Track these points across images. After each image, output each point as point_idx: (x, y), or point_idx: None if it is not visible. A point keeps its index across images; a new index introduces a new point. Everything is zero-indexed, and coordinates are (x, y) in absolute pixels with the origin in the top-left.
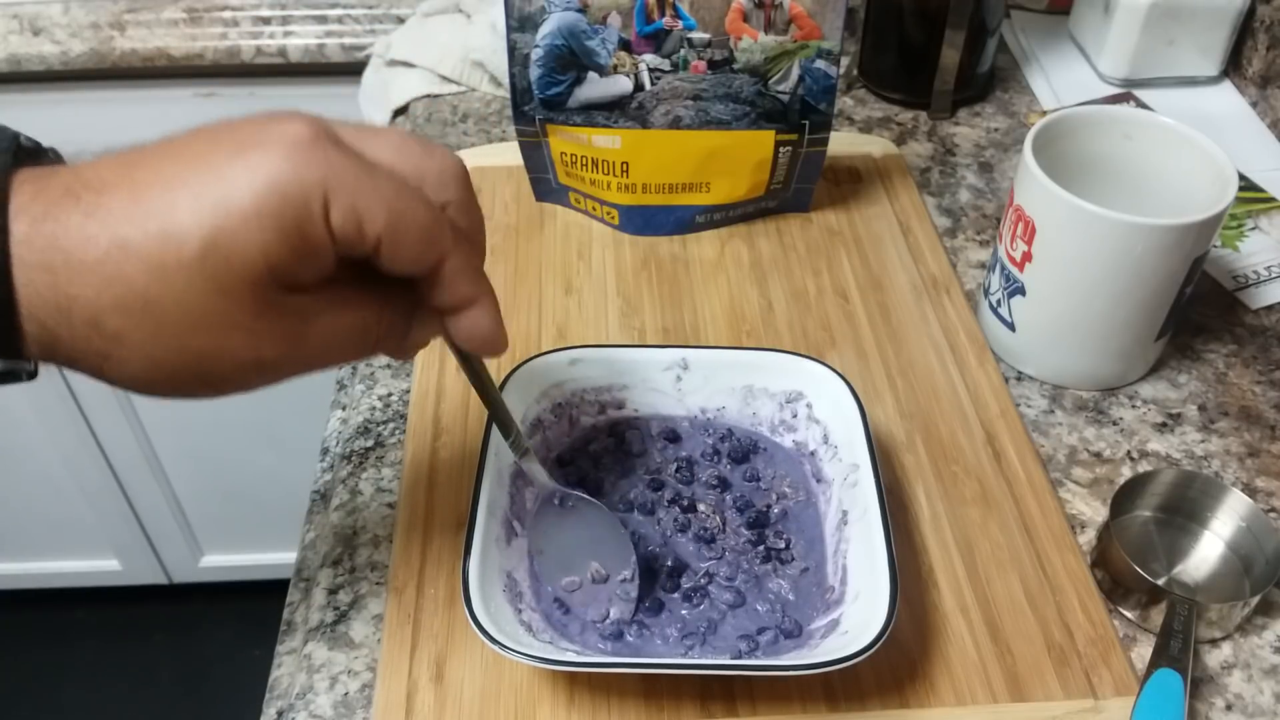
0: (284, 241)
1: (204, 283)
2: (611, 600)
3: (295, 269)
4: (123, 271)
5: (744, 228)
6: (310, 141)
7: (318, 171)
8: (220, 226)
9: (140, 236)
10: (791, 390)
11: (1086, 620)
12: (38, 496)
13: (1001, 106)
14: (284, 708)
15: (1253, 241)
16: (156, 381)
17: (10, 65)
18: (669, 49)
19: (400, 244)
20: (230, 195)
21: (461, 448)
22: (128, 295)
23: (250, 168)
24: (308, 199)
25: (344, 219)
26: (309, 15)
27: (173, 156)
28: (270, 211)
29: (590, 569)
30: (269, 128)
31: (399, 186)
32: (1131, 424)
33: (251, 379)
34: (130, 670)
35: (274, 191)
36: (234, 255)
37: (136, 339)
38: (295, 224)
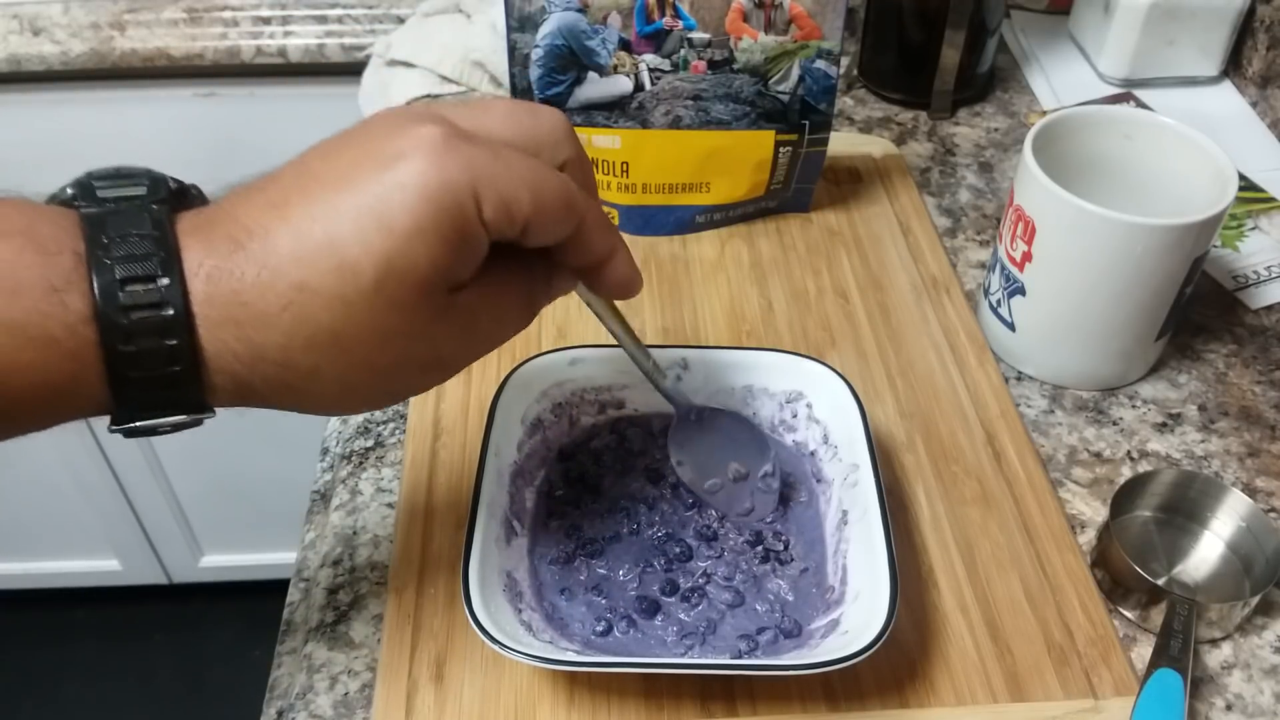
0: (446, 246)
1: (384, 305)
2: (754, 494)
3: (458, 269)
4: (308, 313)
5: (744, 228)
6: (445, 143)
7: (463, 173)
8: (389, 250)
9: (317, 278)
10: (791, 390)
11: (1086, 620)
12: (38, 496)
13: (1001, 106)
14: (284, 708)
15: (1253, 241)
16: (349, 403)
17: (10, 65)
18: (669, 49)
19: (546, 220)
20: (391, 217)
21: (461, 448)
22: (317, 333)
23: (401, 185)
24: (461, 202)
25: (495, 212)
26: (309, 15)
27: (319, 186)
28: (430, 223)
29: (730, 469)
30: (402, 137)
31: (533, 165)
32: (1131, 424)
33: (434, 379)
34: (130, 670)
35: (430, 202)
36: (406, 273)
37: (330, 371)
38: (454, 227)
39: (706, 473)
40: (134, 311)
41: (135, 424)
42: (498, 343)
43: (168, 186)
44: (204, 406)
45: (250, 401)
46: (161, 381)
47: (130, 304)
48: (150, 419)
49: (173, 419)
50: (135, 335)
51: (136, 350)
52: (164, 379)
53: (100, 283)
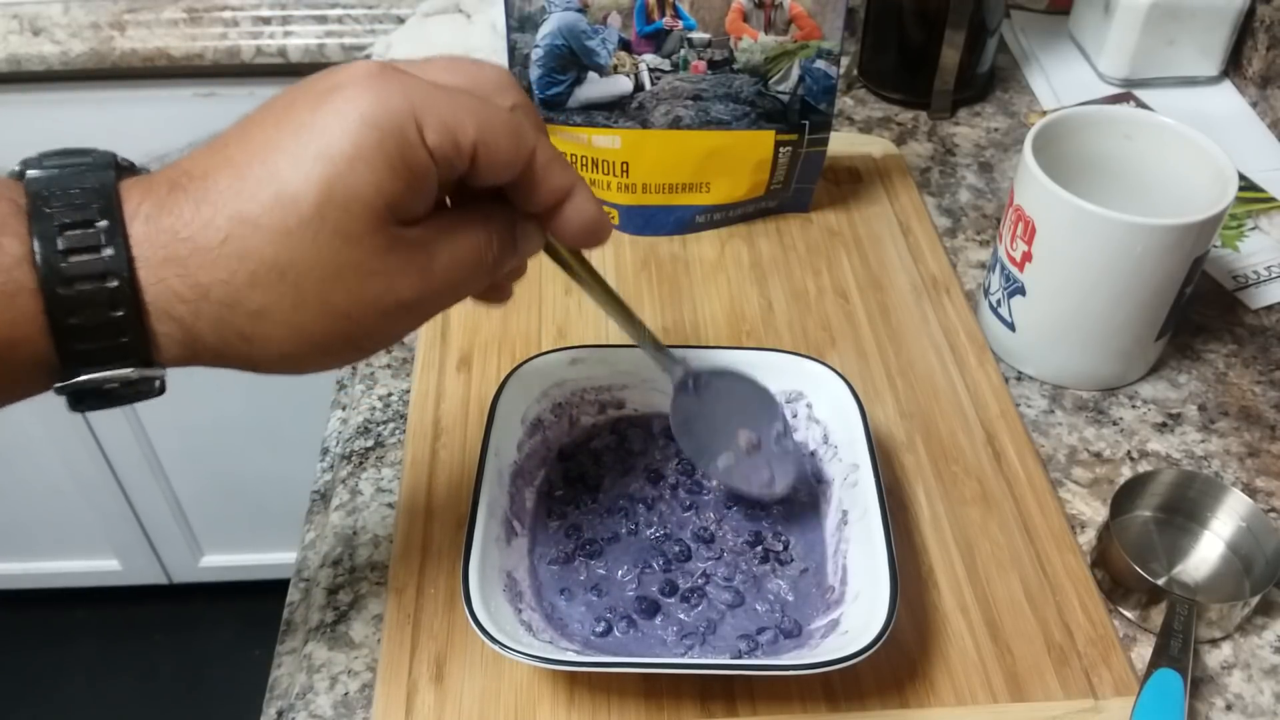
0: (391, 172)
1: (329, 235)
2: (770, 464)
3: (407, 199)
4: (249, 246)
5: (744, 228)
6: (382, 73)
7: (401, 99)
8: (329, 175)
9: (256, 208)
10: (791, 390)
11: (1086, 620)
12: (38, 496)
13: (1001, 106)
14: (284, 708)
15: (1253, 241)
16: (306, 353)
17: (10, 65)
18: (669, 49)
19: (494, 148)
20: (329, 144)
21: (461, 448)
22: (260, 268)
23: (338, 112)
24: (401, 126)
25: (439, 136)
26: (309, 15)
27: (257, 129)
28: (370, 147)
29: (742, 439)
30: (337, 74)
31: (476, 97)
32: (1131, 424)
33: (394, 326)
34: (130, 670)
35: (368, 126)
36: (349, 199)
37: (278, 311)
38: (398, 152)
39: (716, 450)
40: (72, 255)
41: (80, 379)
42: (459, 289)
43: (114, 159)
44: (150, 360)
45: (201, 355)
46: (104, 329)
47: (68, 248)
48: (94, 372)
49: (119, 372)
50: (74, 280)
51: (76, 295)
52: (106, 326)
53: (38, 228)
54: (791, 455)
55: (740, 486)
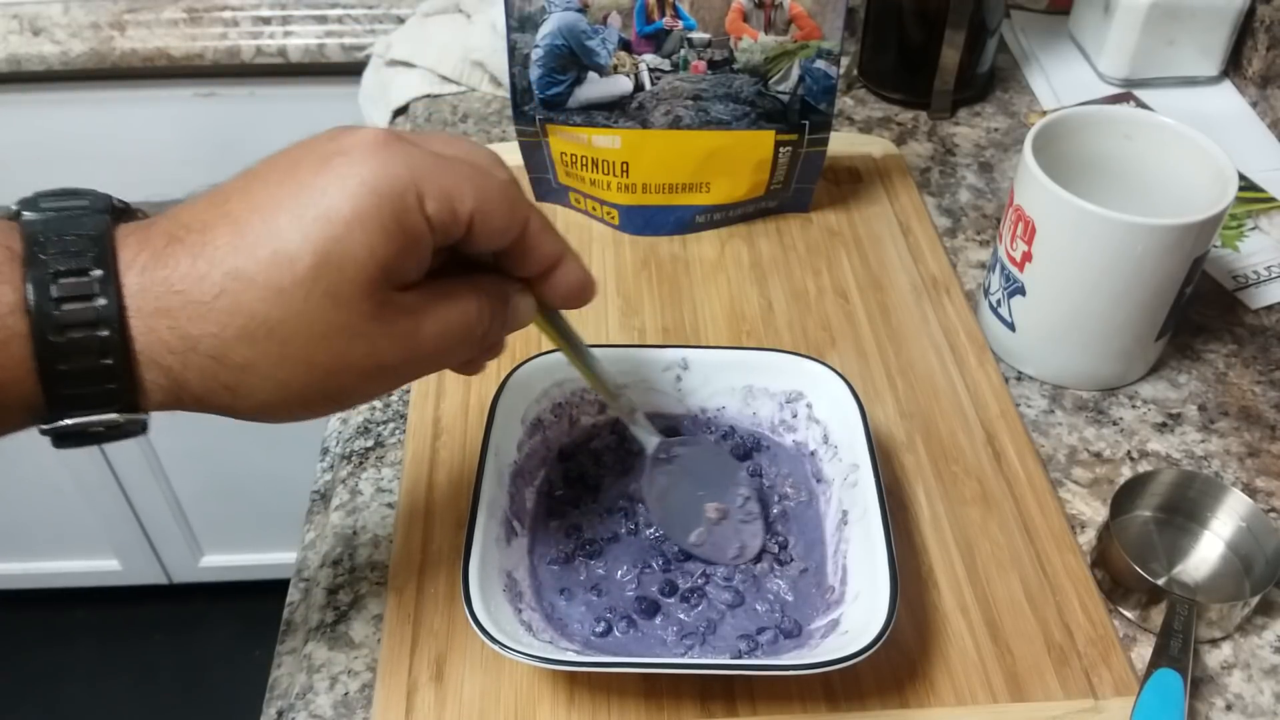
0: (388, 239)
1: (321, 297)
2: (739, 532)
3: (401, 264)
4: (242, 302)
5: (744, 228)
6: (386, 142)
7: (403, 167)
8: (327, 238)
9: (253, 265)
10: (791, 390)
11: (1086, 620)
12: (38, 496)
13: (1001, 106)
14: (284, 707)
15: (1253, 241)
16: (287, 405)
17: (10, 65)
18: (669, 49)
19: (490, 217)
20: (329, 206)
21: (461, 448)
22: (250, 324)
23: (341, 176)
24: (402, 193)
25: (438, 205)
26: (309, 15)
27: (260, 185)
28: (370, 212)
29: (711, 511)
30: (343, 139)
31: (474, 167)
32: (1131, 424)
33: (374, 387)
34: (130, 670)
35: (370, 193)
36: (345, 263)
37: (264, 365)
38: (395, 219)
39: (687, 525)
40: (65, 303)
41: (65, 423)
42: (443, 357)
43: (111, 202)
44: (136, 406)
45: (185, 402)
46: (92, 375)
47: (61, 296)
48: (80, 416)
49: (104, 418)
50: (66, 327)
51: (67, 342)
52: (95, 372)
53: (33, 275)
54: (756, 519)
55: (713, 559)
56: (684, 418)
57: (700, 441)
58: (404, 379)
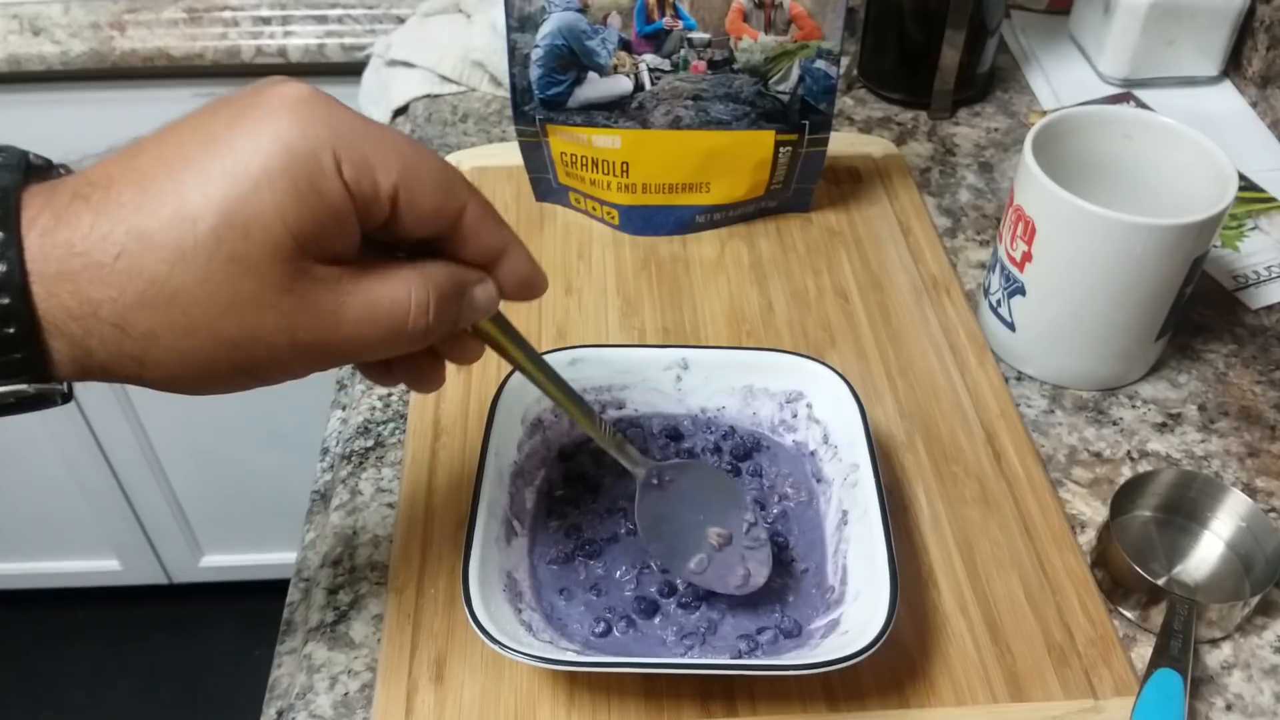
0: (300, 201)
1: (225, 261)
2: (745, 558)
3: (316, 233)
4: (142, 264)
5: (744, 228)
6: (309, 99)
7: (323, 127)
8: (231, 195)
9: (154, 224)
10: (791, 390)
11: (1086, 620)
12: (38, 496)
13: (1001, 106)
14: (284, 708)
15: (1253, 241)
16: (198, 379)
17: (10, 65)
18: (669, 49)
19: (417, 192)
20: (237, 163)
21: (461, 448)
22: (150, 289)
23: (253, 132)
24: (317, 153)
25: (357, 171)
26: (309, 15)
27: (174, 138)
28: (280, 171)
29: (713, 538)
30: (265, 91)
31: (409, 141)
32: (1131, 424)
33: (292, 365)
34: (130, 670)
35: (282, 150)
36: (251, 224)
37: (168, 336)
38: (308, 180)
39: (687, 550)
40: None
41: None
42: (371, 346)
43: (27, 159)
44: (47, 375)
45: (92, 372)
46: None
47: None
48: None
49: (14, 388)
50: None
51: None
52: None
53: None
54: (764, 546)
55: (715, 588)
56: (684, 418)
57: (696, 464)
58: (329, 362)
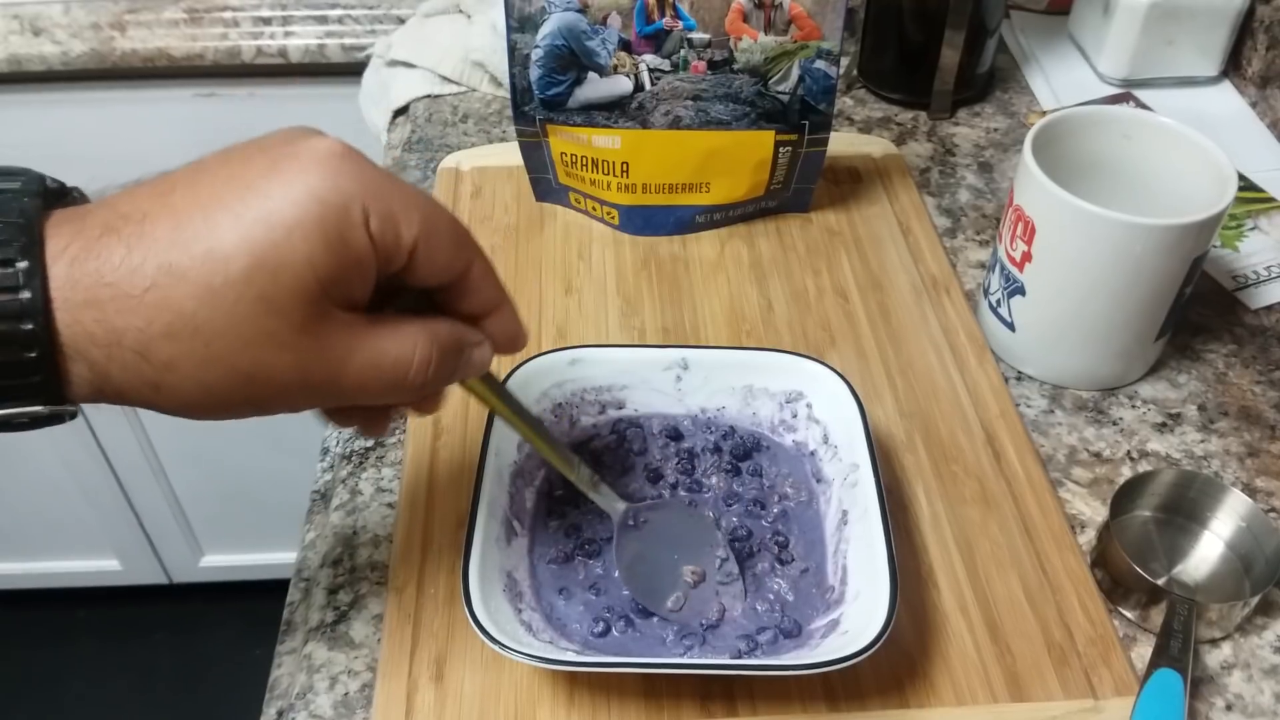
0: (328, 251)
1: (253, 301)
2: (719, 593)
3: (340, 279)
4: (171, 298)
5: (744, 228)
6: (341, 155)
7: (353, 182)
8: (265, 241)
9: (186, 261)
10: (791, 390)
11: (1086, 620)
12: (38, 496)
13: (1001, 107)
14: (284, 707)
15: (1252, 241)
16: (207, 406)
17: (11, 65)
18: (669, 49)
19: (435, 246)
20: (272, 210)
21: (461, 448)
22: (177, 321)
23: (288, 182)
24: (348, 207)
25: (383, 224)
26: (309, 16)
27: (208, 179)
28: (312, 222)
29: (687, 575)
30: (298, 143)
31: (428, 197)
32: (1131, 424)
33: (296, 400)
34: (130, 670)
35: (315, 201)
36: (281, 269)
37: (188, 365)
38: (338, 232)
39: (664, 589)
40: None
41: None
42: (373, 394)
43: (44, 184)
44: (63, 398)
45: (108, 395)
46: (16, 368)
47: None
48: (3, 408)
49: (28, 409)
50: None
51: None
52: (18, 365)
53: None
54: (736, 580)
55: (693, 622)
56: (684, 418)
57: (670, 503)
58: (332, 400)
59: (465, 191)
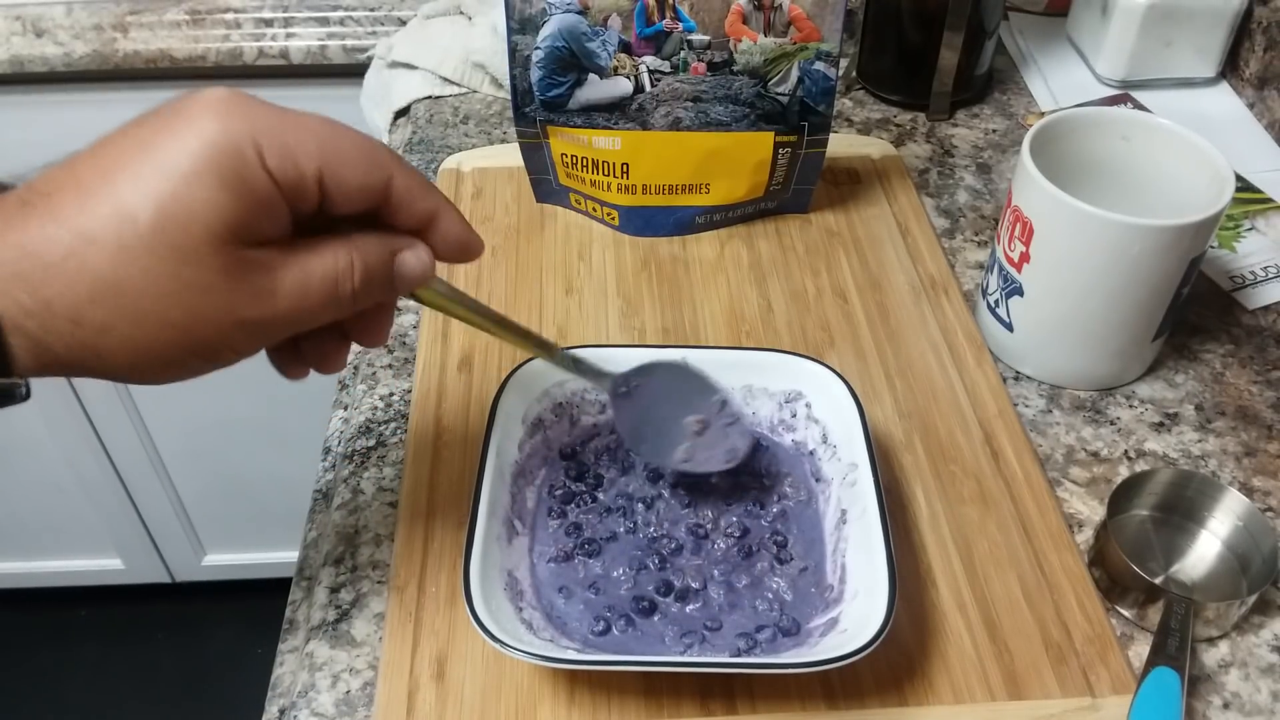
0: (229, 193)
1: (166, 252)
2: (726, 436)
3: (249, 220)
4: (89, 262)
5: (743, 228)
6: (229, 99)
7: (243, 123)
8: (166, 193)
9: (95, 224)
10: (791, 390)
11: (1084, 619)
12: (40, 495)
13: (999, 108)
14: (286, 706)
15: (1250, 242)
16: (154, 366)
17: (13, 67)
18: (669, 51)
19: (341, 170)
20: (166, 163)
21: (463, 447)
22: (98, 283)
23: (178, 135)
24: (239, 147)
25: (280, 159)
26: (311, 17)
27: (109, 148)
28: (207, 167)
29: (690, 426)
30: (189, 98)
31: (325, 121)
32: (1129, 423)
33: (239, 342)
34: (133, 669)
35: (206, 147)
36: (187, 218)
37: (120, 327)
38: (235, 173)
39: (671, 443)
40: None
41: None
42: (310, 313)
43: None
44: (7, 371)
45: (54, 368)
46: None
47: None
48: None
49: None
50: None
51: None
52: None
53: None
54: (739, 419)
55: (705, 468)
56: None
57: (656, 365)
58: (276, 334)
59: (466, 192)
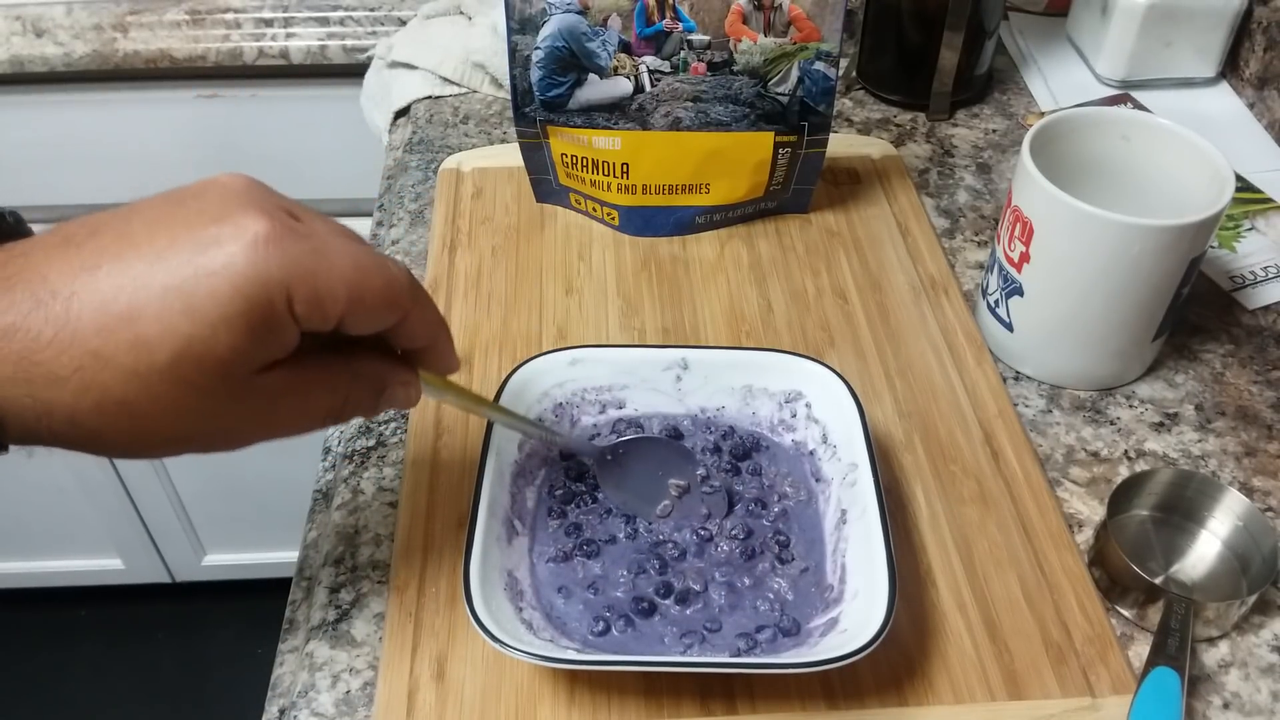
0: (251, 337)
1: (177, 384)
2: (704, 501)
3: (262, 356)
4: (98, 380)
5: (743, 228)
6: (267, 238)
7: (278, 270)
8: (188, 334)
9: (111, 348)
10: (791, 390)
11: (1084, 619)
12: (40, 495)
13: (999, 108)
14: (286, 706)
15: (1250, 242)
16: (146, 455)
17: (13, 67)
18: (669, 51)
19: (361, 313)
20: (195, 301)
21: (463, 447)
22: (104, 400)
23: (212, 272)
24: (271, 297)
25: (307, 306)
26: (311, 17)
27: (135, 254)
28: (236, 314)
29: (671, 488)
30: (228, 222)
31: (355, 260)
32: (1129, 423)
33: (235, 445)
34: (133, 669)
35: (238, 295)
36: (205, 359)
37: (113, 436)
38: (263, 323)
39: (652, 500)
40: None
41: None
42: (302, 428)
43: None
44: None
45: (46, 442)
46: None
47: None
48: None
49: None
50: None
51: None
52: None
53: None
54: (719, 491)
55: (681, 522)
56: (684, 417)
57: (643, 438)
58: (260, 440)
59: (466, 192)
